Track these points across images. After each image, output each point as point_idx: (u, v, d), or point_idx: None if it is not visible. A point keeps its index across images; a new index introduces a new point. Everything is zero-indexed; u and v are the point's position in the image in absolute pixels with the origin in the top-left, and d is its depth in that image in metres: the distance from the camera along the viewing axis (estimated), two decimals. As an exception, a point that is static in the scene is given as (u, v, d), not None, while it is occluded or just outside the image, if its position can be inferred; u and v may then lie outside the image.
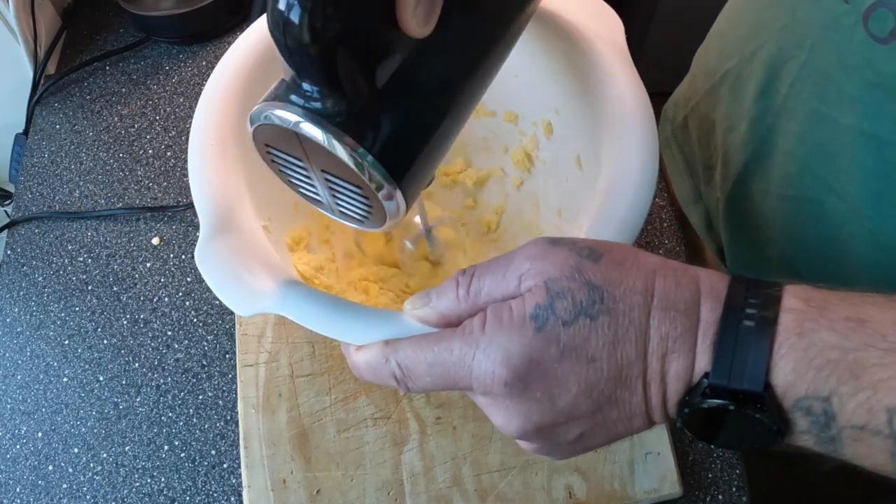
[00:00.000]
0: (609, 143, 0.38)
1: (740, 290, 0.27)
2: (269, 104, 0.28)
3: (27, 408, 0.54)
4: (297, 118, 0.27)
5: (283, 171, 0.32)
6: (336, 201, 0.32)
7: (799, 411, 0.25)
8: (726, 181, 0.52)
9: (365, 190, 0.29)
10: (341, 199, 0.31)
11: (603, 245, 0.29)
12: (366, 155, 0.27)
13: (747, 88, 0.47)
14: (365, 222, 0.32)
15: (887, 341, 0.24)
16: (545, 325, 0.27)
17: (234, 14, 0.72)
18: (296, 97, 0.28)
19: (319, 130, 0.27)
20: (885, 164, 0.38)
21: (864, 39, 0.36)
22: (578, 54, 0.41)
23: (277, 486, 0.46)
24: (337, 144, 0.27)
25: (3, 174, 0.77)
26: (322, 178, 0.30)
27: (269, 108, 0.28)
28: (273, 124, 0.28)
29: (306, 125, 0.27)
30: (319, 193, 0.32)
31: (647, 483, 0.46)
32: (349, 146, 0.27)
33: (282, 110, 0.28)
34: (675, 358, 0.27)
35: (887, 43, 0.35)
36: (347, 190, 0.30)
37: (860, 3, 0.36)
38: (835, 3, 0.37)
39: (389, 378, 0.30)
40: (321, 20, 0.25)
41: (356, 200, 0.31)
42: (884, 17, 0.34)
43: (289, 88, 0.28)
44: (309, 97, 0.27)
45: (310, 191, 0.33)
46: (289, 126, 0.28)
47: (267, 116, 0.28)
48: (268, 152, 0.31)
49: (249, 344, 0.51)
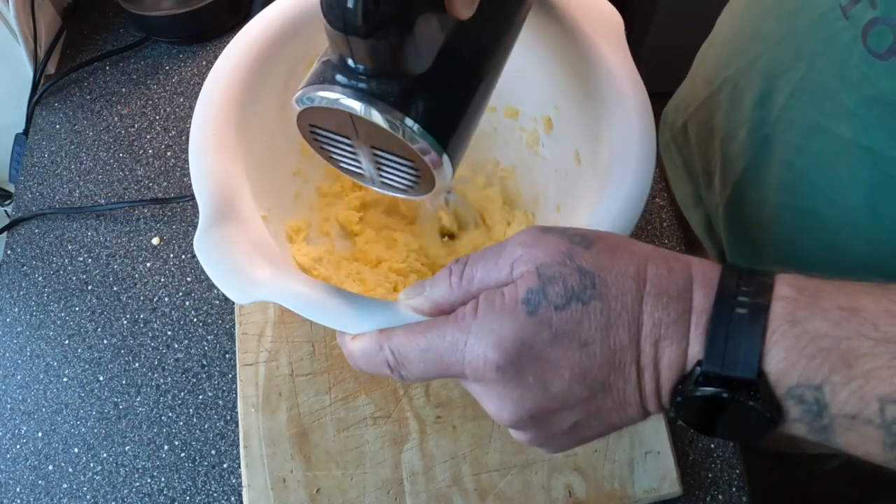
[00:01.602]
0: (607, 138, 0.38)
1: (732, 277, 0.27)
2: (318, 87, 0.29)
3: (27, 408, 0.54)
4: (352, 100, 0.29)
5: (326, 148, 0.34)
6: (380, 173, 0.34)
7: (791, 399, 0.25)
8: (725, 187, 0.53)
9: (416, 162, 0.31)
10: (387, 172, 0.33)
11: (595, 233, 0.29)
12: (420, 130, 0.29)
13: (745, 97, 0.47)
14: (409, 191, 0.34)
15: (879, 331, 0.24)
16: (537, 310, 0.27)
17: (234, 14, 0.72)
18: (344, 78, 0.29)
19: (374, 110, 0.29)
20: (882, 176, 0.38)
21: (862, 55, 0.36)
22: (578, 50, 0.41)
23: (277, 486, 0.46)
24: (390, 121, 0.29)
25: (3, 174, 0.77)
26: (370, 154, 0.32)
27: (321, 90, 0.29)
28: (323, 106, 0.29)
29: (361, 106, 0.29)
30: (363, 167, 0.34)
31: (647, 482, 0.46)
32: (400, 121, 0.29)
33: (334, 93, 0.29)
34: (667, 344, 0.27)
35: (885, 59, 0.35)
36: (395, 162, 0.32)
37: (859, 18, 0.36)
38: (834, 17, 0.37)
39: (383, 365, 0.30)
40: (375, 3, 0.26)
41: (403, 171, 0.33)
42: (882, 33, 0.35)
43: (336, 69, 0.29)
44: (359, 77, 0.29)
45: (353, 165, 0.34)
46: (343, 107, 0.29)
47: (320, 98, 0.29)
48: (311, 132, 0.33)
49: (249, 343, 0.51)
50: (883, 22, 0.34)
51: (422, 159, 0.30)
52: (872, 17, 0.35)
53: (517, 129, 0.52)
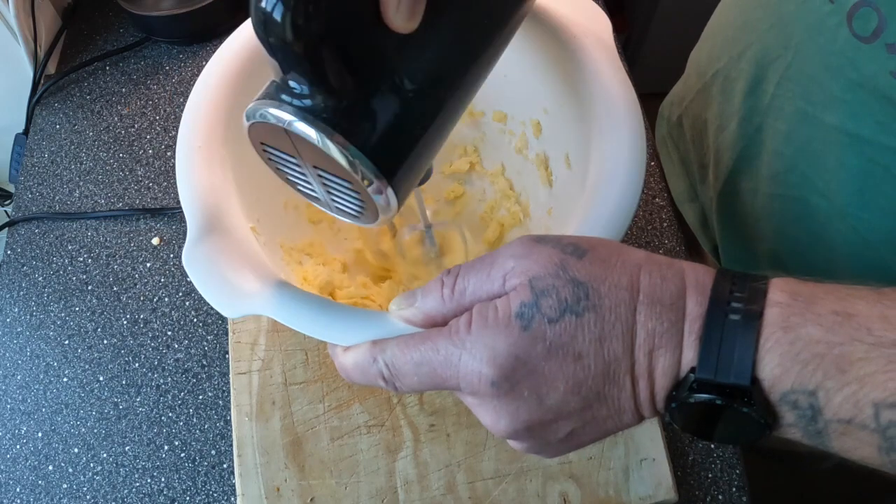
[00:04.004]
0: (597, 141, 0.38)
1: (726, 283, 0.27)
2: (261, 102, 0.28)
3: (27, 408, 0.54)
4: (286, 115, 0.27)
5: (280, 168, 0.32)
6: (331, 198, 0.32)
7: (786, 405, 0.25)
8: (718, 180, 0.53)
9: (355, 185, 0.29)
10: (335, 196, 0.32)
11: (587, 241, 0.28)
12: (354, 151, 0.27)
13: (736, 88, 0.47)
14: (360, 218, 0.32)
15: (874, 335, 0.24)
16: (531, 324, 0.26)
17: (234, 14, 0.72)
18: (286, 95, 0.28)
19: (307, 127, 0.27)
20: (869, 163, 0.38)
21: (847, 39, 0.36)
22: (566, 53, 0.41)
23: (271, 494, 0.46)
24: (325, 141, 0.27)
25: (3, 174, 0.77)
26: (315, 175, 0.30)
27: (261, 106, 0.28)
28: (265, 122, 0.28)
29: (295, 122, 0.27)
30: (315, 190, 0.32)
31: (642, 489, 0.46)
32: (338, 142, 0.27)
33: (272, 108, 0.28)
34: (662, 353, 0.27)
35: (870, 42, 0.35)
36: (340, 186, 0.30)
37: (844, 2, 0.36)
38: (820, 3, 0.37)
39: (377, 378, 0.30)
40: (303, 17, 0.25)
41: (349, 196, 0.31)
42: (867, 15, 0.34)
43: (279, 87, 0.28)
44: (298, 95, 0.28)
45: (307, 188, 0.33)
46: (279, 123, 0.28)
47: (259, 114, 0.28)
48: (264, 150, 0.31)
49: (242, 352, 0.50)
50: (868, 4, 0.34)
51: (358, 182, 0.28)
52: (857, 0, 0.35)
53: (506, 133, 0.52)
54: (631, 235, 0.59)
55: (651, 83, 0.84)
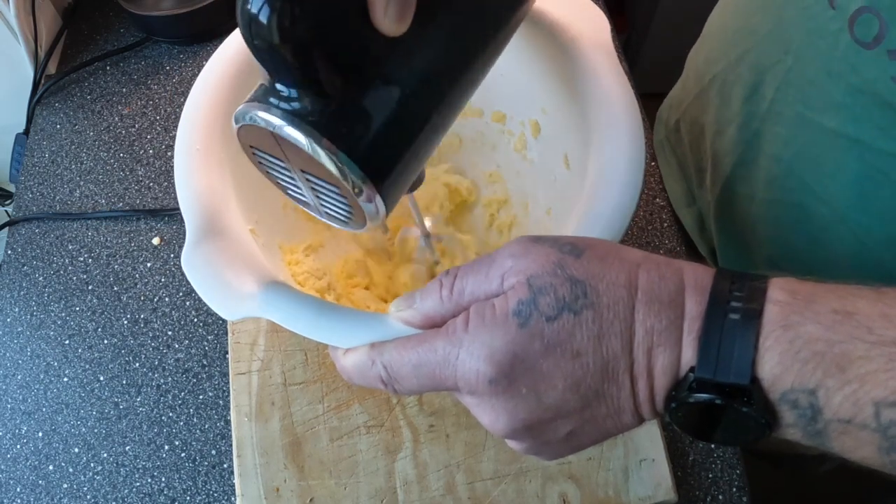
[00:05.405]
0: (596, 141, 0.38)
1: (725, 282, 0.27)
2: (250, 105, 0.28)
3: (27, 408, 0.54)
4: (274, 119, 0.27)
5: (270, 172, 0.32)
6: (320, 202, 0.32)
7: (785, 404, 0.25)
8: (716, 185, 0.53)
9: (343, 191, 0.29)
10: (324, 200, 0.31)
11: (585, 241, 0.29)
12: (343, 157, 0.27)
13: (735, 92, 0.47)
14: (348, 223, 0.32)
15: (874, 334, 0.24)
16: (528, 321, 0.26)
17: (234, 14, 0.72)
18: (274, 99, 0.27)
19: (295, 130, 0.27)
20: (869, 168, 0.38)
21: (849, 45, 0.36)
22: (564, 53, 0.41)
23: (271, 495, 0.46)
24: (313, 145, 0.27)
25: (3, 174, 0.77)
26: (304, 179, 0.30)
27: (249, 110, 0.28)
28: (253, 125, 0.28)
29: (282, 126, 0.27)
30: (305, 194, 0.32)
31: (642, 490, 0.46)
32: (325, 147, 0.27)
33: (260, 111, 0.27)
34: (661, 352, 0.26)
35: (872, 48, 0.35)
36: (328, 191, 0.30)
37: (846, 8, 0.36)
38: (821, 8, 0.37)
39: (376, 380, 0.30)
40: (290, 19, 0.24)
41: (337, 201, 0.30)
42: (869, 21, 0.34)
43: (267, 91, 0.28)
44: (286, 98, 0.27)
45: (296, 192, 0.33)
46: (266, 127, 0.27)
47: (248, 117, 0.28)
48: (253, 154, 0.31)
49: (242, 352, 0.50)
50: (869, 10, 0.34)
51: (346, 188, 0.28)
52: (859, 7, 0.35)
53: (505, 133, 0.52)
54: (631, 236, 0.59)
55: (651, 84, 0.84)
